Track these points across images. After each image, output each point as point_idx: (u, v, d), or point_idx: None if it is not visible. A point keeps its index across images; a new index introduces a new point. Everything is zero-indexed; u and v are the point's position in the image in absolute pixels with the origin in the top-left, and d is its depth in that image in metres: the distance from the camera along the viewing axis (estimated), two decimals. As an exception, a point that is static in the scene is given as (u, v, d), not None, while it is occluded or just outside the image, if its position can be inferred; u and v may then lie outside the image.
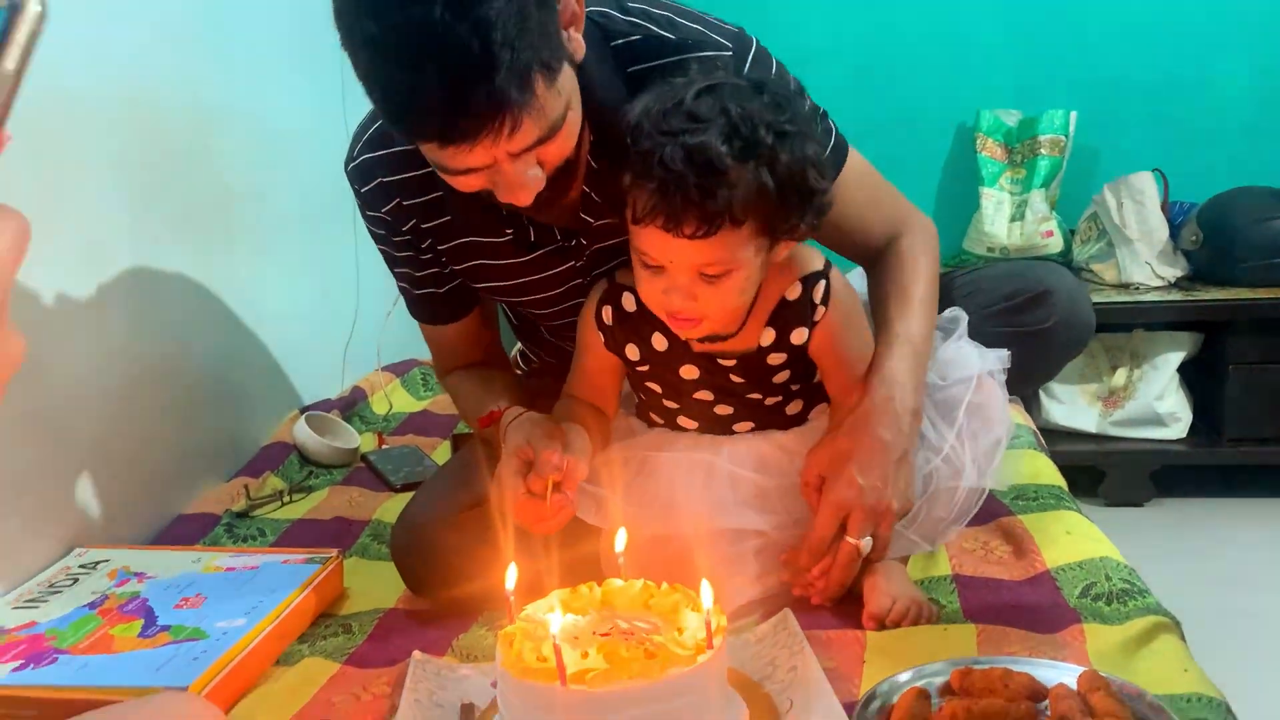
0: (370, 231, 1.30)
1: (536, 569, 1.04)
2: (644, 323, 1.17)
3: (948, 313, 1.29)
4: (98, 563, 1.33)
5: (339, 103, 2.14)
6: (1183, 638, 1.04)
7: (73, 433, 1.43)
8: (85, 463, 1.45)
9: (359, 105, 2.13)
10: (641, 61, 1.13)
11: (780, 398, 1.22)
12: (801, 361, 1.19)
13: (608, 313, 1.18)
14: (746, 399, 1.20)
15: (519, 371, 1.57)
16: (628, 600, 1.01)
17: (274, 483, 1.68)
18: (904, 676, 0.98)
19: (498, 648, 0.93)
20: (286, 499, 1.63)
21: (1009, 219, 2.82)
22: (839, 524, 1.12)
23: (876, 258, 1.28)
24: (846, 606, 1.15)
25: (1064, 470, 1.49)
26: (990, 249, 2.79)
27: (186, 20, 1.70)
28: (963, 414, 1.18)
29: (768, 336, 1.15)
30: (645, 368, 1.20)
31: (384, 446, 1.84)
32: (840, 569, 1.13)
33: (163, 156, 1.63)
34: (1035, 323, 1.32)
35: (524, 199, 1.04)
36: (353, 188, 1.26)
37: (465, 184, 1.04)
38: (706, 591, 0.95)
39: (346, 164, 1.26)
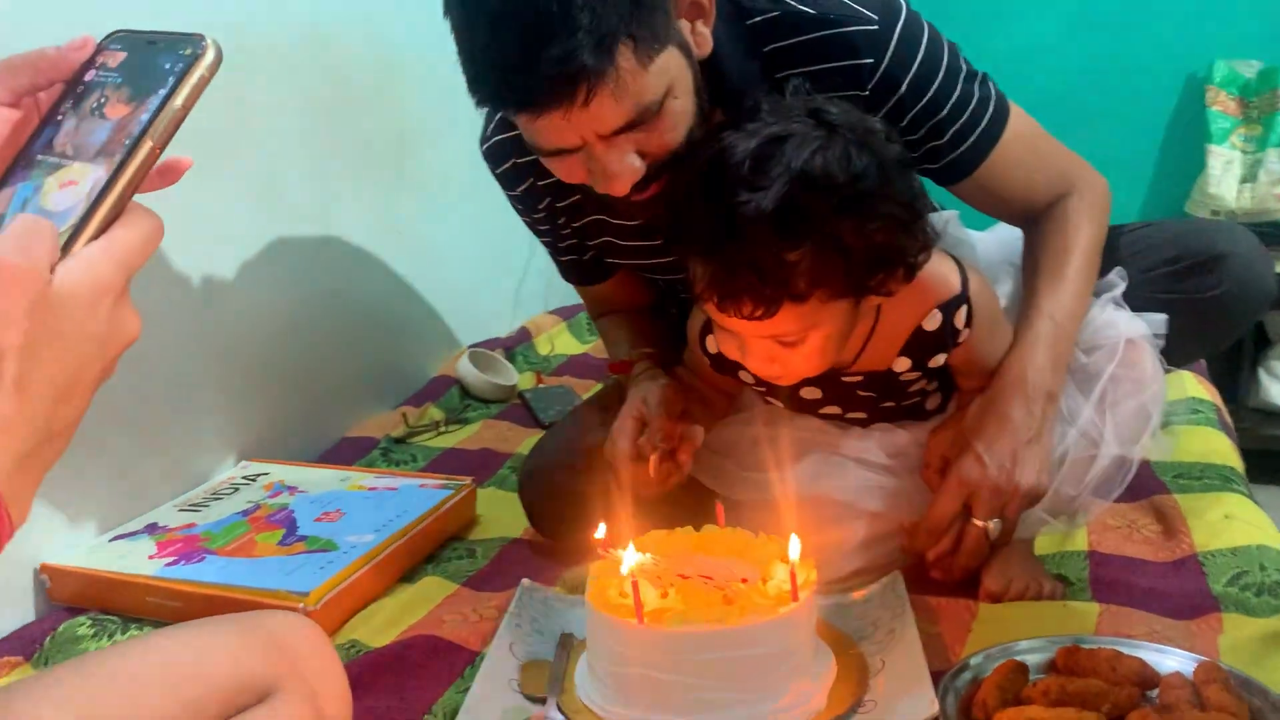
0: (511, 205, 1.32)
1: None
2: None
3: (1109, 276, 1.19)
4: (258, 475, 1.43)
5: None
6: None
7: (246, 354, 1.54)
8: (256, 382, 1.56)
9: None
10: (779, 39, 1.07)
11: (917, 399, 1.16)
12: (940, 373, 1.12)
13: (711, 343, 1.11)
14: (880, 406, 1.15)
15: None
16: (723, 546, 1.01)
17: (433, 413, 1.75)
18: (1015, 645, 0.93)
19: (588, 581, 0.95)
20: (442, 429, 1.70)
21: (1239, 180, 2.59)
22: (961, 503, 1.06)
23: (1038, 218, 1.19)
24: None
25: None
26: (1215, 212, 2.58)
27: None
28: (1102, 384, 1.10)
29: (902, 364, 1.08)
30: (763, 389, 1.15)
31: (540, 385, 1.89)
32: (966, 555, 1.07)
33: (340, 96, 1.71)
34: (1202, 289, 1.19)
35: (617, 189, 0.99)
36: (489, 167, 1.27)
37: (565, 171, 1.02)
38: (795, 545, 0.94)
39: (481, 143, 1.27)
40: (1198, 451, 1.34)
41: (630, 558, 0.93)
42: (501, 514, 1.38)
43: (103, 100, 0.53)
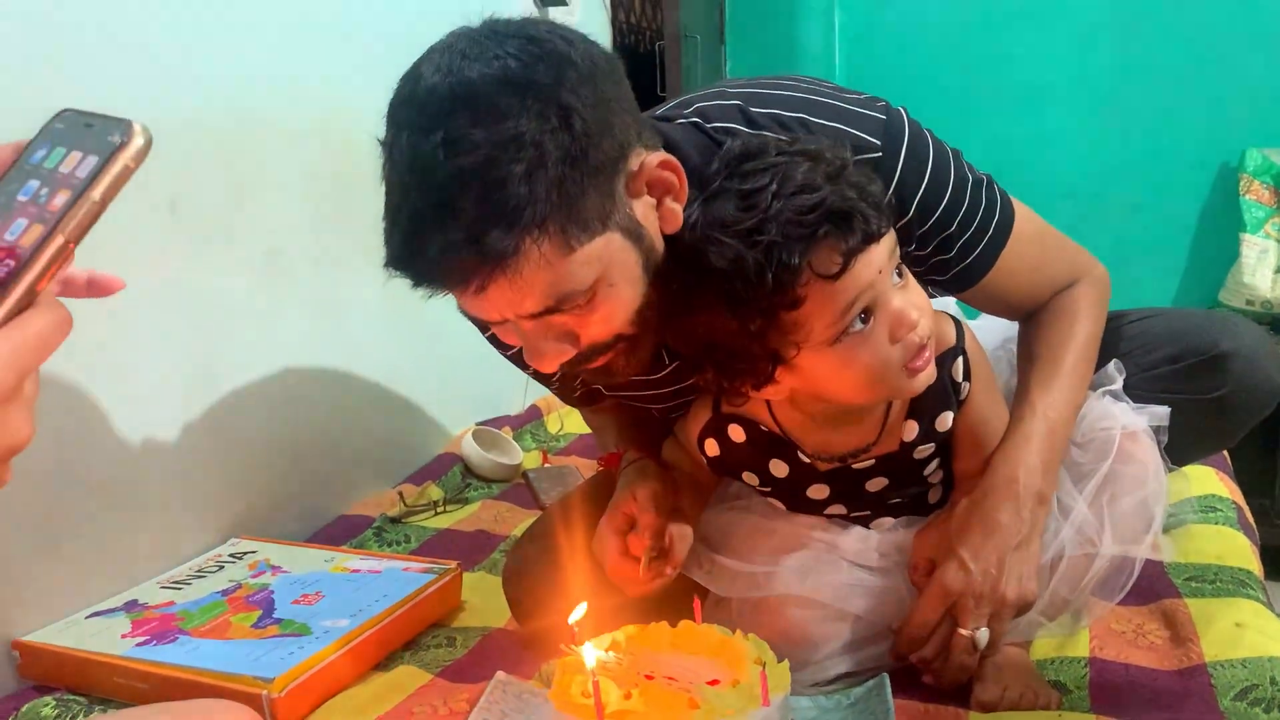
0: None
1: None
2: (759, 452, 1.08)
3: (1107, 368, 1.15)
4: (245, 553, 1.41)
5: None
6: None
7: (244, 430, 1.53)
8: (254, 459, 1.55)
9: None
10: None
11: (921, 489, 1.13)
12: (949, 447, 1.09)
13: (712, 445, 1.09)
14: (886, 503, 1.11)
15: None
16: (697, 644, 0.97)
17: (433, 492, 1.73)
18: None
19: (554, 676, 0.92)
20: (440, 509, 1.68)
21: (1274, 269, 2.54)
22: (942, 610, 1.02)
23: (1036, 309, 1.17)
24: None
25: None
26: (1250, 302, 2.54)
27: (379, 52, 1.80)
28: (1097, 480, 1.05)
29: (910, 430, 1.05)
30: (767, 490, 1.12)
31: (545, 465, 1.86)
32: (953, 666, 1.02)
33: (347, 178, 1.72)
34: (1205, 390, 1.14)
35: (544, 367, 0.94)
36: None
37: (502, 334, 0.98)
38: (765, 647, 0.90)
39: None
40: (1213, 553, 1.27)
41: (594, 655, 0.89)
42: (488, 600, 1.34)
43: (24, 186, 0.52)
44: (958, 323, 1.07)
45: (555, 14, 2.24)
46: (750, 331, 0.92)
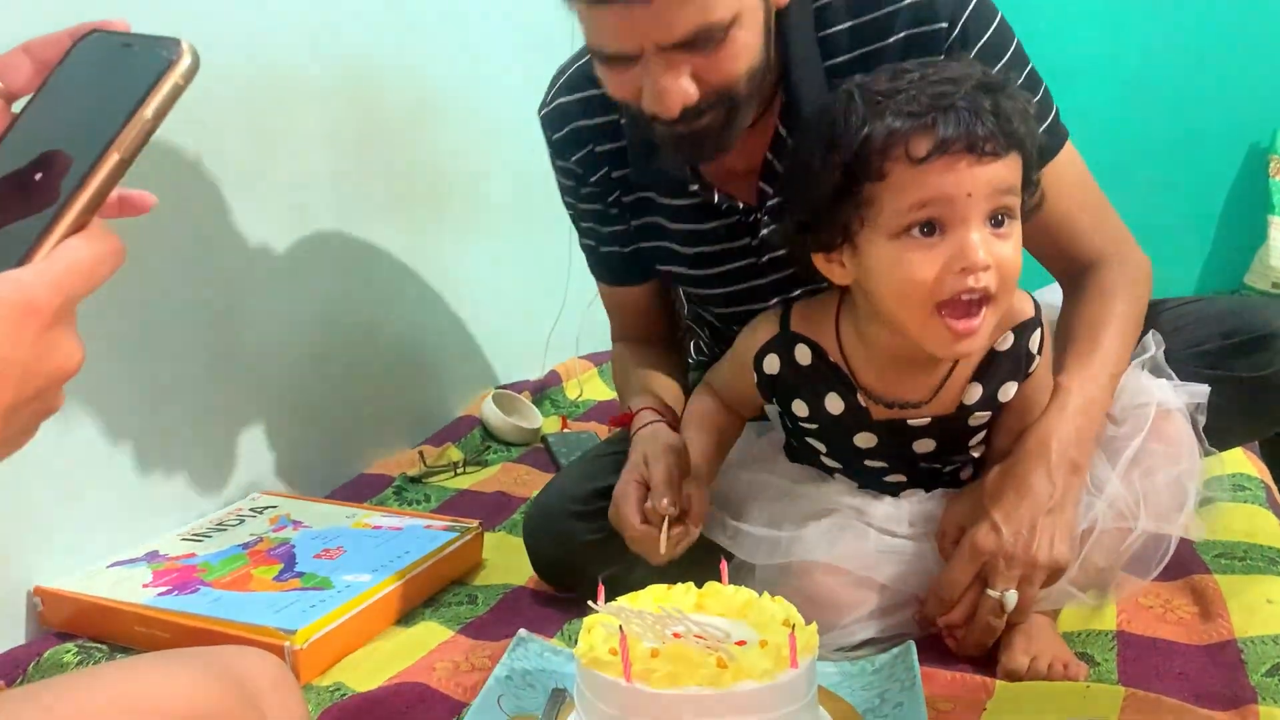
0: (559, 185, 1.30)
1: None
2: (820, 380, 1.06)
3: (1144, 339, 1.13)
4: (266, 508, 1.41)
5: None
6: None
7: (265, 384, 1.53)
8: (273, 413, 1.54)
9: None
10: (846, 20, 1.08)
11: (959, 463, 1.11)
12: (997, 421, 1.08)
13: (772, 362, 1.07)
14: (922, 469, 1.10)
15: (691, 360, 1.54)
16: (724, 605, 0.96)
17: (452, 453, 1.72)
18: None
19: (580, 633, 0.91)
20: (460, 470, 1.67)
21: (1301, 252, 2.52)
22: (974, 571, 1.01)
23: (1075, 283, 1.16)
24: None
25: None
26: (1276, 285, 2.51)
27: (405, 7, 1.78)
28: (1129, 454, 1.04)
29: (972, 394, 1.04)
30: (813, 425, 1.10)
31: (565, 430, 1.85)
32: (979, 628, 1.02)
33: (377, 134, 1.71)
34: (1252, 369, 1.12)
35: (666, 106, 0.98)
36: (545, 135, 1.26)
37: (618, 83, 1.01)
38: (793, 609, 0.89)
39: (540, 109, 1.26)
40: (1242, 531, 1.25)
41: (623, 612, 0.88)
42: (509, 560, 1.34)
43: (70, 104, 0.50)
44: (1035, 302, 1.05)
45: None
46: (832, 185, 0.92)
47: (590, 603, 0.90)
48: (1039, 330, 1.04)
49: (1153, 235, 2.50)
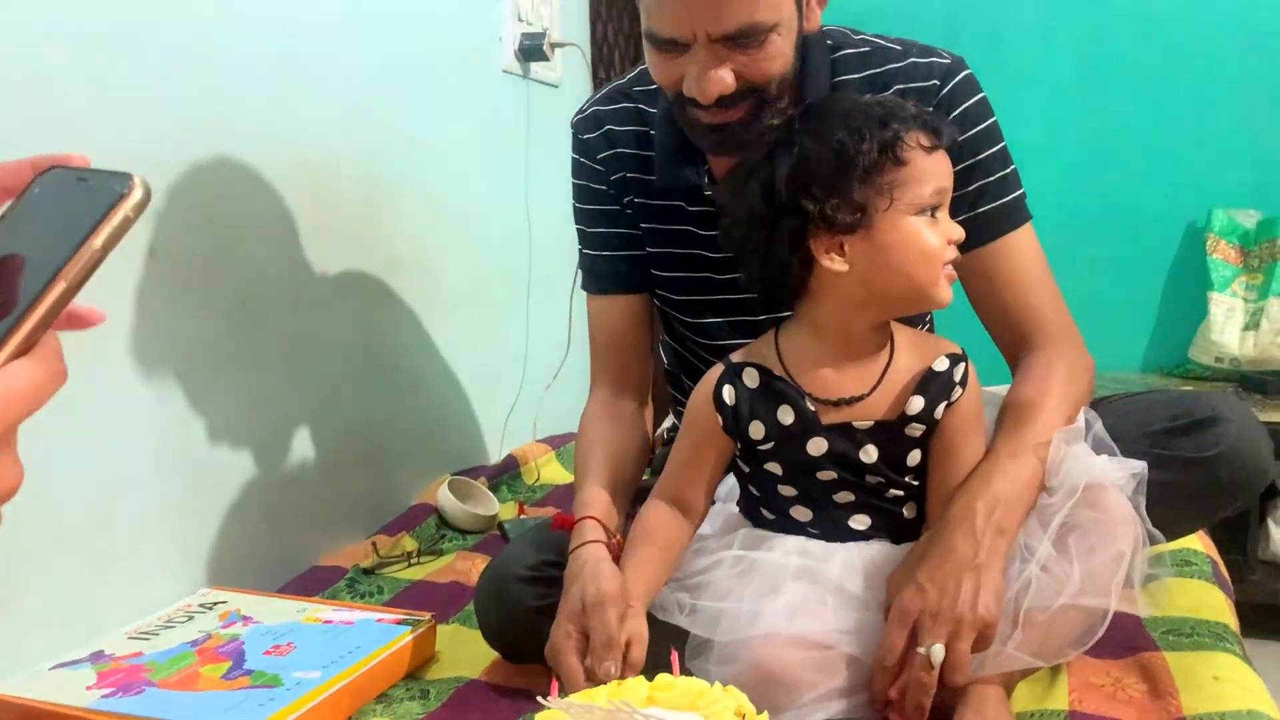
0: (576, 194, 1.41)
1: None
2: (770, 397, 1.14)
3: (1080, 415, 1.16)
4: (216, 603, 1.39)
5: (521, 185, 2.23)
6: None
7: (214, 476, 1.51)
8: (224, 506, 1.53)
9: (541, 189, 2.20)
10: (862, 69, 1.25)
11: (902, 492, 1.15)
12: (929, 446, 1.13)
13: (729, 393, 1.15)
14: (869, 484, 1.14)
15: (662, 446, 1.55)
16: (676, 697, 0.95)
17: (406, 543, 1.71)
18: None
19: (531, 731, 0.90)
20: (414, 560, 1.66)
21: (1241, 328, 2.58)
22: (905, 635, 1.04)
23: (1021, 363, 1.22)
24: (939, 732, 1.04)
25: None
26: (1219, 359, 2.56)
27: (370, 93, 1.81)
28: (1059, 519, 1.07)
29: (915, 405, 1.11)
30: (769, 445, 1.14)
31: (521, 516, 1.85)
32: (914, 686, 1.03)
33: (331, 222, 1.72)
34: (1196, 449, 1.16)
35: (706, 92, 1.12)
36: (576, 139, 1.39)
37: (664, 69, 1.15)
38: (744, 698, 0.89)
39: (574, 117, 1.40)
40: (1189, 607, 1.28)
41: (573, 708, 0.87)
42: (462, 652, 1.32)
43: (23, 235, 0.51)
44: (965, 355, 1.15)
45: (537, 69, 2.26)
46: (859, 169, 1.05)
47: (540, 698, 0.90)
48: (966, 365, 1.14)
49: (1099, 313, 2.57)
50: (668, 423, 1.66)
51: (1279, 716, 1.03)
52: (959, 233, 1.09)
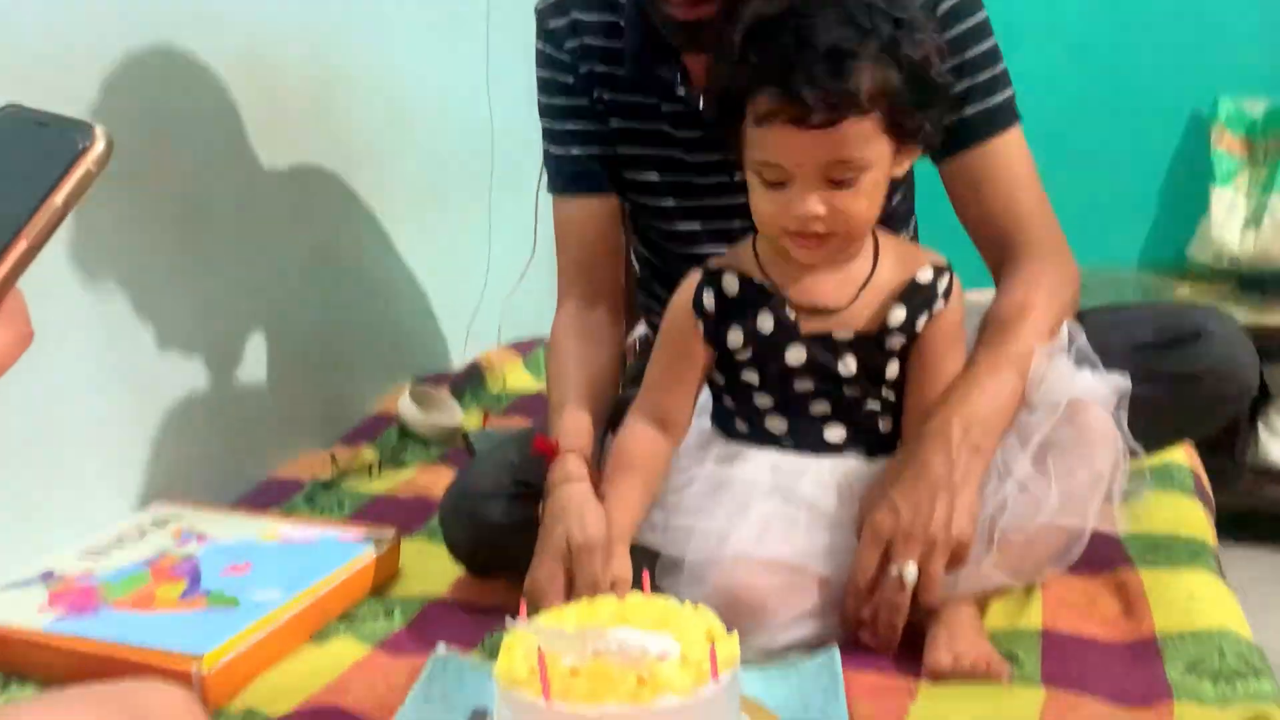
0: (541, 87, 1.41)
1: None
2: (749, 304, 1.17)
3: (1064, 329, 1.20)
4: (168, 520, 1.42)
5: (482, 72, 2.20)
6: (1290, 733, 0.95)
7: (164, 387, 1.54)
8: (174, 416, 1.56)
9: (504, 76, 2.16)
10: None
11: (879, 406, 1.19)
12: (908, 359, 1.18)
13: (709, 297, 1.18)
14: (847, 396, 1.18)
15: (634, 358, 1.59)
16: (646, 617, 1.00)
17: (367, 454, 1.75)
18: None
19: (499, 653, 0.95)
20: (375, 472, 1.70)
21: (1242, 225, 2.61)
22: (878, 555, 1.09)
23: (1005, 273, 1.25)
24: (911, 650, 1.11)
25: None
26: (1218, 257, 2.60)
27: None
28: (1039, 439, 1.12)
29: (896, 316, 1.15)
30: (746, 354, 1.18)
31: (486, 427, 1.89)
32: (885, 606, 1.09)
33: (277, 118, 1.72)
34: (1186, 363, 1.21)
35: None
36: (541, 28, 1.38)
37: None
38: (714, 619, 0.94)
39: (538, 4, 1.39)
40: (1167, 522, 1.34)
41: (541, 631, 0.92)
42: (427, 568, 1.37)
43: None
44: (950, 267, 1.18)
45: None
46: (715, 103, 1.11)
47: (509, 618, 0.95)
48: (949, 276, 1.17)
49: (1095, 207, 2.60)
50: (639, 330, 1.69)
51: (1249, 634, 1.10)
52: (806, 209, 1.06)
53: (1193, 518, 1.36)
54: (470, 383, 2.06)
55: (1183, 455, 1.52)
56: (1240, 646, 1.07)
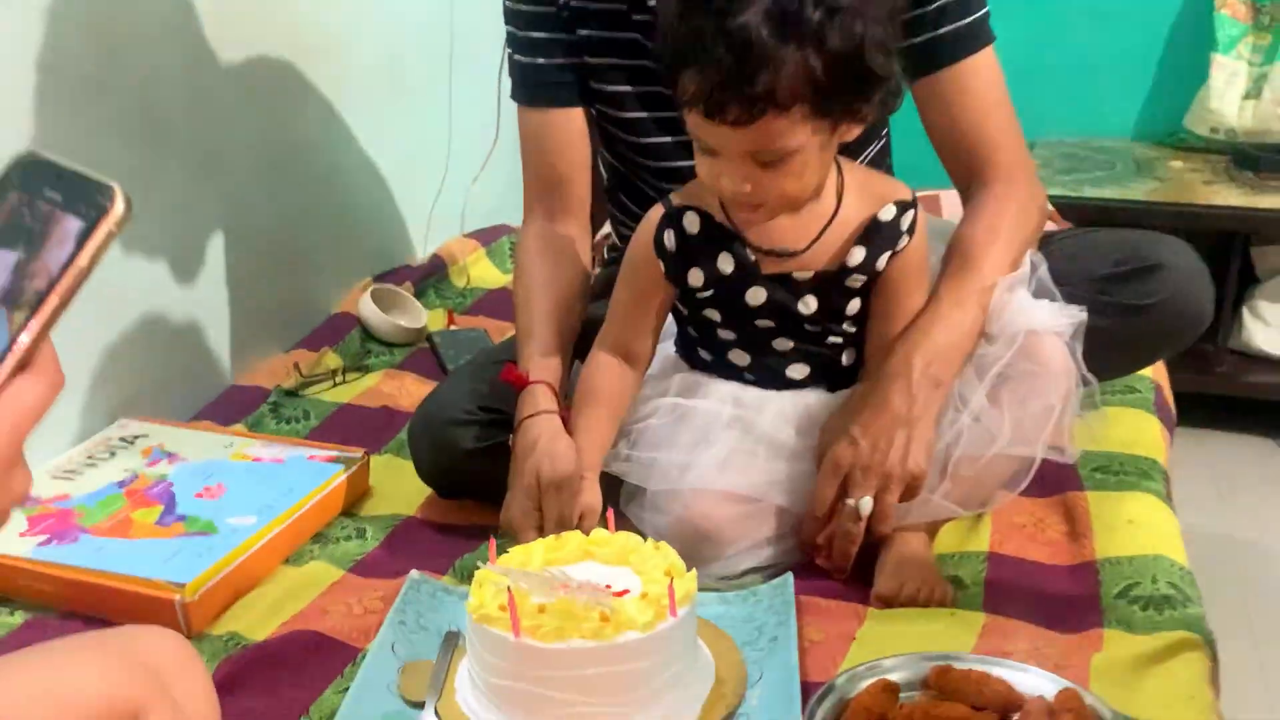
0: None
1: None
2: (709, 243, 1.26)
3: (1025, 258, 1.31)
4: (137, 437, 1.55)
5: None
6: (1213, 658, 1.10)
7: (120, 296, 1.63)
8: (130, 326, 1.66)
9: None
10: None
11: (841, 340, 1.31)
12: (871, 295, 1.28)
13: (670, 237, 1.26)
14: (808, 332, 1.29)
15: (601, 265, 1.69)
16: (610, 553, 1.14)
17: (330, 359, 1.86)
18: (881, 663, 1.08)
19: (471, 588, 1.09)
20: (339, 379, 1.81)
21: (1241, 95, 2.68)
22: (836, 486, 1.23)
23: (970, 197, 1.35)
24: (862, 574, 1.26)
25: (1262, 405, 1.49)
26: (1214, 129, 2.68)
27: None
28: (995, 370, 1.24)
29: (856, 256, 1.25)
30: (708, 292, 1.28)
31: (452, 327, 1.99)
32: (840, 535, 1.23)
33: (229, 9, 1.77)
34: (1137, 296, 1.32)
35: None
36: None
37: None
38: (674, 555, 1.09)
39: None
40: (1122, 440, 1.47)
41: (511, 573, 1.06)
42: (397, 485, 1.51)
43: (12, 236, 0.57)
44: (916, 202, 1.27)
45: None
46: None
47: (480, 564, 1.08)
48: (913, 212, 1.26)
49: (1089, 73, 2.68)
50: (605, 228, 1.78)
51: (1185, 560, 1.25)
52: (733, 186, 1.15)
53: (1148, 436, 1.50)
54: (433, 278, 2.16)
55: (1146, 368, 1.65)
56: (1172, 573, 1.21)
